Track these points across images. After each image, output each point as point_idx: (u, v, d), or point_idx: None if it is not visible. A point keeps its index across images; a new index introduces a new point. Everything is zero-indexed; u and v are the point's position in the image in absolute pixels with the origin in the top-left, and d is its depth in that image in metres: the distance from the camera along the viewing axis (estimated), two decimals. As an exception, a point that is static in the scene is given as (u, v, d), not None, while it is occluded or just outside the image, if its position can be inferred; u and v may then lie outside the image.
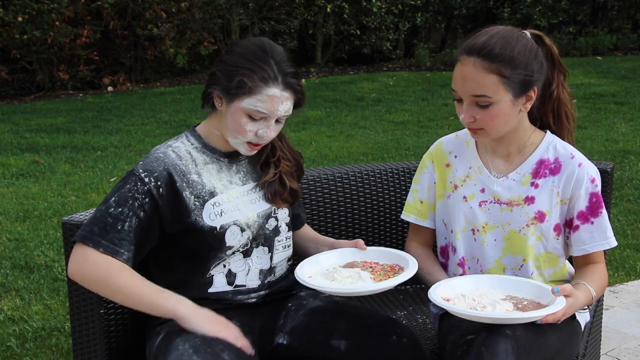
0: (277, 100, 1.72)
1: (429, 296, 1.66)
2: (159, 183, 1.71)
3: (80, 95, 10.05)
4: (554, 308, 1.59)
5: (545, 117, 1.90)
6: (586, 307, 1.78)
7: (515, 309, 1.63)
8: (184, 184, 1.74)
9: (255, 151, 1.81)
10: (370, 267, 1.83)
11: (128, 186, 1.70)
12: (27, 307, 3.30)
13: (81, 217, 1.81)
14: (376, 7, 11.71)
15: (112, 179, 5.54)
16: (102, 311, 1.79)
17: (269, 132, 1.76)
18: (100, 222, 1.68)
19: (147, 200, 1.70)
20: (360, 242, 1.91)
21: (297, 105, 1.80)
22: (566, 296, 1.64)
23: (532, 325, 1.62)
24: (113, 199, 1.69)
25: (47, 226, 4.45)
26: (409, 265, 1.79)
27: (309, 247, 2.02)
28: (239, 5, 11.36)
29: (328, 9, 11.55)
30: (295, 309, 1.88)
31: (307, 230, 2.09)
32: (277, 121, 1.77)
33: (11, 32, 9.50)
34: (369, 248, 1.91)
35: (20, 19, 9.39)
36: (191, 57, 11.32)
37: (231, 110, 1.73)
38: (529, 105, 1.77)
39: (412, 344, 1.75)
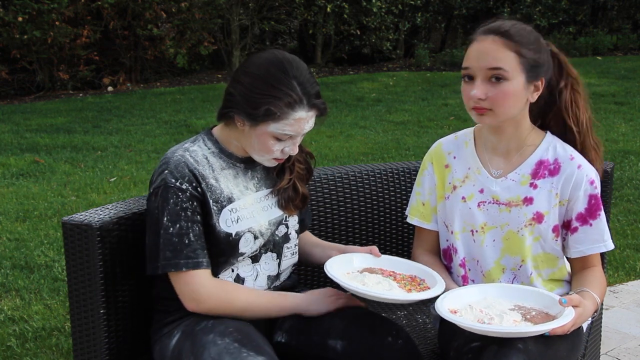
0: (303, 121, 1.72)
1: (436, 308, 1.65)
2: (194, 184, 1.72)
3: (80, 95, 10.05)
4: (564, 320, 1.57)
5: (548, 122, 1.90)
6: (593, 315, 1.77)
7: (523, 319, 1.61)
8: (205, 187, 1.74)
9: (279, 163, 1.82)
10: (391, 275, 1.84)
11: (172, 201, 1.69)
12: (27, 307, 3.30)
13: (81, 217, 1.81)
14: (376, 7, 11.71)
15: (112, 179, 5.54)
16: (102, 311, 1.79)
17: (295, 148, 1.77)
18: (168, 246, 1.69)
19: (195, 203, 1.71)
20: (375, 249, 1.92)
21: (319, 116, 1.80)
22: (575, 306, 1.63)
23: (542, 337, 1.60)
24: (165, 219, 1.69)
25: (47, 226, 4.45)
26: (435, 281, 1.79)
27: (315, 252, 2.01)
28: (239, 5, 11.35)
29: (328, 9, 11.55)
30: None
31: (309, 235, 2.09)
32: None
33: (11, 32, 9.50)
34: (382, 256, 1.92)
35: (20, 19, 9.39)
36: (191, 57, 11.33)
37: (257, 132, 1.73)
38: (536, 96, 1.79)
39: (407, 346, 1.75)
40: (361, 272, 1.84)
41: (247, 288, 1.80)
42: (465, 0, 12.53)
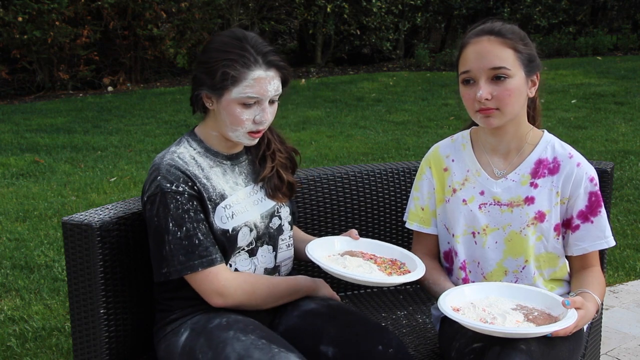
0: (264, 81, 1.73)
1: (439, 306, 1.64)
2: (189, 184, 1.73)
3: (80, 95, 10.05)
4: (567, 322, 1.57)
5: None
6: (594, 316, 1.77)
7: (525, 319, 1.61)
8: (200, 185, 1.75)
9: (257, 139, 1.82)
10: (371, 258, 1.85)
11: (172, 205, 1.70)
12: (27, 307, 3.30)
13: (81, 217, 1.81)
14: (376, 7, 11.71)
15: (112, 179, 5.54)
16: (102, 311, 1.79)
17: (266, 115, 1.77)
18: (180, 250, 1.70)
19: (195, 203, 1.72)
20: (354, 231, 1.94)
21: (285, 82, 1.81)
22: (577, 308, 1.63)
23: (545, 339, 1.60)
24: (171, 225, 1.70)
25: (47, 226, 4.45)
26: (415, 265, 1.81)
27: (301, 248, 2.01)
28: (239, 5, 11.36)
29: (328, 9, 11.55)
30: (290, 309, 1.89)
31: (299, 232, 2.10)
32: (270, 102, 1.78)
33: (11, 32, 9.50)
34: (361, 239, 1.93)
35: (20, 19, 9.40)
36: (191, 57, 11.33)
37: (223, 105, 1.74)
38: (534, 91, 1.81)
39: (398, 354, 1.75)
40: (342, 255, 1.85)
41: (264, 276, 1.83)
42: (465, 0, 12.53)
